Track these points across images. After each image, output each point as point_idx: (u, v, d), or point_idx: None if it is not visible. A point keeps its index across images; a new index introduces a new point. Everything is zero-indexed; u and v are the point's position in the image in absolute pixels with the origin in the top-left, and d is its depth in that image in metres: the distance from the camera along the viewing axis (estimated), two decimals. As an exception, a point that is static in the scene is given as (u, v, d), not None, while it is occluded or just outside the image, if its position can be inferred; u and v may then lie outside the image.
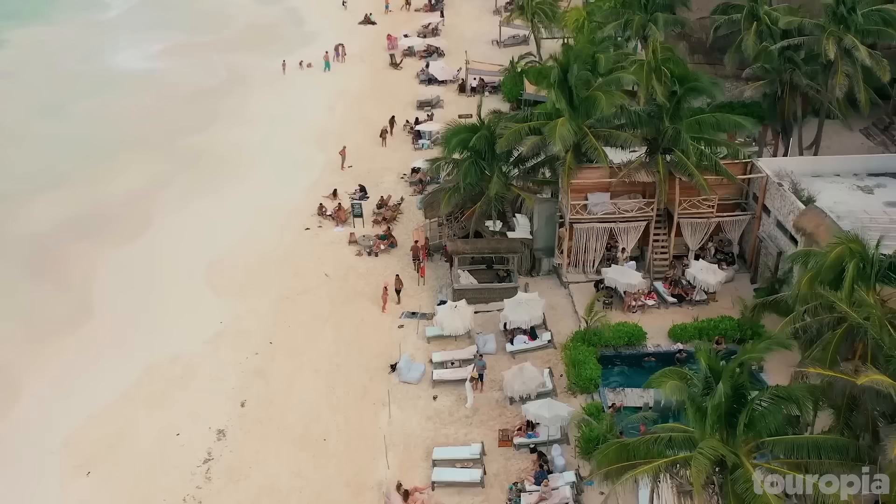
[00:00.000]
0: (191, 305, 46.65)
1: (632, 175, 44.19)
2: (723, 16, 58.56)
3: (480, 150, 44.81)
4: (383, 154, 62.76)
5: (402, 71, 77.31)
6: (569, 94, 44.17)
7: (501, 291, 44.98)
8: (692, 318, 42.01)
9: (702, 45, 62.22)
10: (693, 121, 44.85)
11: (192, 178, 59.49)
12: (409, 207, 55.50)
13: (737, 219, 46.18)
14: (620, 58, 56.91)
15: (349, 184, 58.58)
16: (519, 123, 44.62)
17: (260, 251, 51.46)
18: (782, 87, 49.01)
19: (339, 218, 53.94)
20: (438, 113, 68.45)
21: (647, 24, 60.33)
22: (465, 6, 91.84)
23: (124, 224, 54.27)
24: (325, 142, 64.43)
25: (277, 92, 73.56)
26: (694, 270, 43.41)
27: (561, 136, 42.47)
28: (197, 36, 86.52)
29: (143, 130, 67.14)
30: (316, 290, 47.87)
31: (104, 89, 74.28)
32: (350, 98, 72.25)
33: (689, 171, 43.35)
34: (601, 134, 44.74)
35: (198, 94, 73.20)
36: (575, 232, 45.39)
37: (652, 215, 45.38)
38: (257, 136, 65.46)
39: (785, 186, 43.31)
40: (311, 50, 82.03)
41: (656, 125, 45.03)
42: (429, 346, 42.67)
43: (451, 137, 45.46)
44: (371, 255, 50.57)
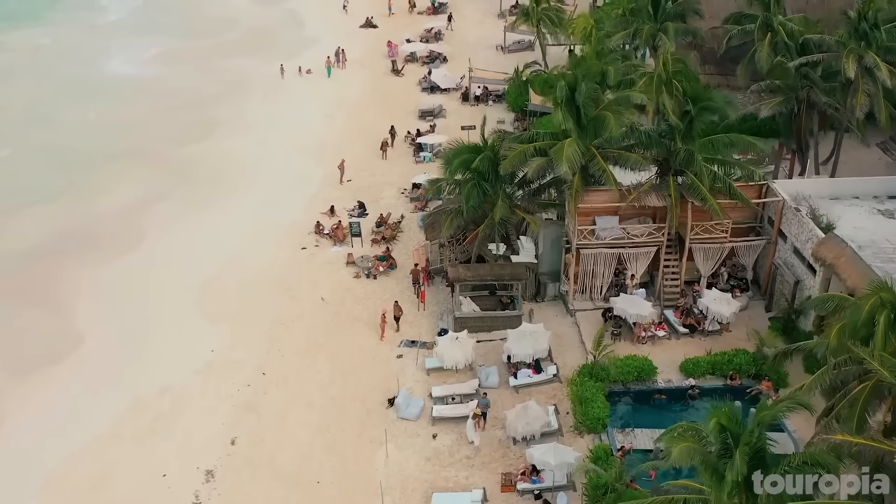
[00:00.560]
0: (181, 331, 44.76)
1: (642, 199, 42.18)
2: (736, 26, 56.73)
3: (484, 171, 42.77)
4: (383, 167, 60.79)
5: (404, 78, 75.24)
6: (576, 112, 42.10)
7: (505, 320, 43.03)
8: (705, 351, 40.07)
9: (713, 56, 60.24)
10: (706, 141, 42.82)
11: (185, 193, 57.55)
12: (409, 225, 53.56)
13: (751, 244, 44.19)
14: (629, 69, 55.14)
15: (348, 199, 56.63)
16: (524, 144, 42.58)
17: (254, 272, 49.56)
18: (798, 104, 46.89)
19: (337, 237, 52.01)
20: (441, 123, 66.47)
21: (657, 33, 58.33)
22: (469, 9, 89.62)
23: (113, 242, 52.34)
24: (324, 153, 62.45)
25: (276, 99, 71.55)
26: (707, 300, 41.42)
27: (568, 157, 40.49)
28: (194, 40, 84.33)
29: (136, 140, 65.10)
30: (311, 315, 45.96)
31: (96, 96, 72.19)
32: (350, 106, 70.24)
33: (701, 196, 41.36)
34: (610, 155, 42.76)
35: (193, 102, 71.18)
36: (582, 257, 43.42)
37: (663, 241, 43.38)
38: (254, 147, 63.49)
39: (803, 212, 41.30)
40: (311, 54, 79.93)
41: (667, 146, 43.04)
42: (428, 379, 40.75)
43: (453, 158, 43.48)
44: (369, 278, 48.65)
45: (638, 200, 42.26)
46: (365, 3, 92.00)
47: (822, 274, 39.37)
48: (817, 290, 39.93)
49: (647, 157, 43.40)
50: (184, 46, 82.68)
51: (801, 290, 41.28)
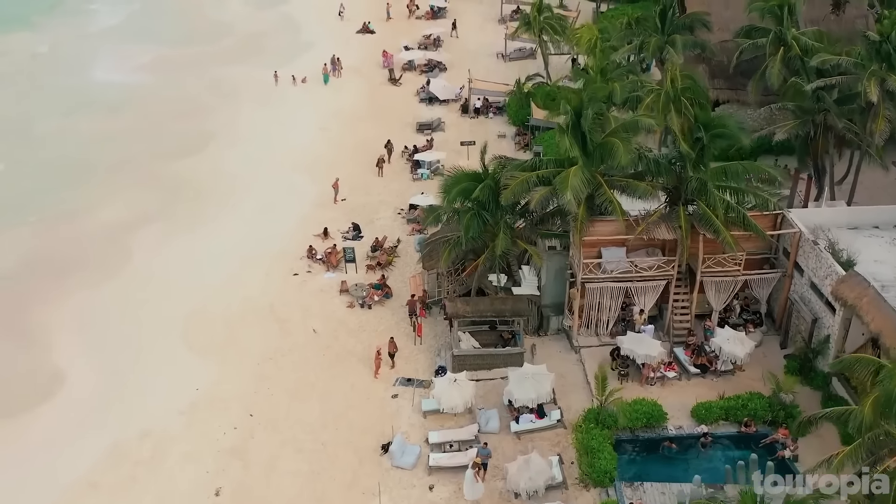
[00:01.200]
0: (165, 367, 42.56)
1: (651, 231, 39.91)
2: (747, 39, 54.33)
3: (484, 200, 40.48)
4: (379, 185, 58.47)
5: (402, 87, 72.75)
6: (582, 138, 39.83)
7: (506, 357, 40.84)
8: (717, 395, 37.90)
9: (723, 69, 57.76)
10: (719, 168, 40.56)
11: (172, 213, 55.17)
12: (406, 249, 51.30)
13: (766, 277, 41.92)
14: (636, 86, 52.88)
15: (342, 220, 54.34)
16: (526, 172, 40.29)
17: (243, 300, 47.33)
18: (814, 127, 44.55)
19: (330, 262, 49.75)
20: (439, 137, 64.14)
21: (665, 46, 55.97)
22: (469, 14, 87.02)
23: (95, 266, 50.01)
24: (318, 170, 60.12)
25: (269, 110, 69.01)
26: (719, 340, 39.17)
27: (573, 187, 38.25)
28: (187, 46, 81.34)
29: (125, 154, 62.56)
30: (302, 348, 43.76)
31: (86, 107, 69.34)
32: (345, 118, 67.83)
33: (714, 228, 39.10)
34: (617, 183, 40.51)
35: (185, 113, 68.57)
36: (587, 291, 41.15)
37: (672, 274, 41.12)
38: (246, 162, 61.15)
39: (821, 245, 39.03)
40: (307, 61, 77.41)
41: (678, 173, 40.75)
42: (425, 422, 38.56)
43: (452, 186, 41.17)
44: (364, 307, 46.43)
45: (646, 232, 40.00)
46: (362, 8, 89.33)
47: (843, 314, 37.16)
48: (836, 330, 37.76)
49: (657, 185, 41.09)
50: (176, 53, 79.85)
51: (819, 329, 39.09)
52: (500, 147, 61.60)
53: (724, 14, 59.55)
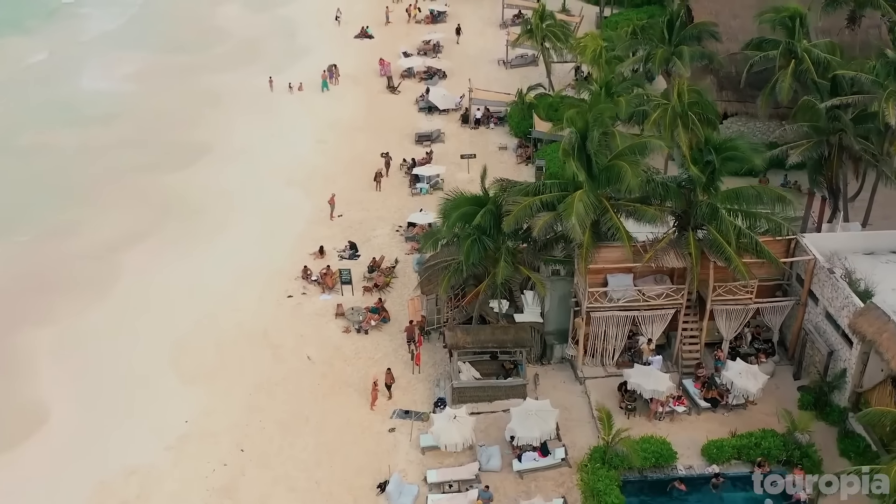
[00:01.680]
0: (153, 396, 40.95)
1: (659, 259, 38.23)
2: (756, 51, 52.65)
3: (485, 226, 38.76)
4: (377, 200, 56.74)
5: (400, 96, 70.94)
6: (587, 161, 38.13)
7: (508, 389, 39.20)
8: (729, 432, 36.24)
9: (731, 80, 56.09)
10: (730, 192, 38.88)
11: (163, 230, 53.41)
12: (404, 269, 49.61)
13: (778, 305, 40.25)
14: (642, 100, 51.29)
15: (338, 238, 52.68)
16: (529, 197, 38.56)
17: (235, 324, 45.66)
18: (829, 148, 42.84)
19: (326, 284, 48.05)
20: (439, 149, 62.38)
21: (671, 57, 54.23)
22: (469, 18, 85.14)
23: (82, 288, 48.40)
24: (314, 184, 58.45)
25: (264, 120, 67.22)
26: (731, 374, 37.49)
27: (578, 213, 36.53)
28: (182, 53, 79.30)
29: (110, 168, 60.56)
30: (296, 377, 42.11)
31: (70, 118, 67.51)
32: (342, 128, 66.06)
33: (726, 255, 37.41)
34: (623, 208, 38.80)
35: (176, 124, 66.78)
36: (592, 320, 39.49)
37: (682, 303, 39.45)
38: (240, 176, 59.42)
39: (837, 274, 37.34)
40: (303, 67, 75.74)
41: (687, 198, 39.06)
42: (423, 459, 36.93)
43: (452, 211, 39.43)
44: (360, 333, 44.76)
45: (654, 260, 38.31)
46: (361, 11, 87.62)
47: (861, 348, 35.50)
48: (854, 364, 36.13)
49: (665, 209, 39.39)
50: (170, 60, 77.76)
51: (834, 362, 37.45)
52: (501, 159, 60.33)
53: (733, 24, 57.97)
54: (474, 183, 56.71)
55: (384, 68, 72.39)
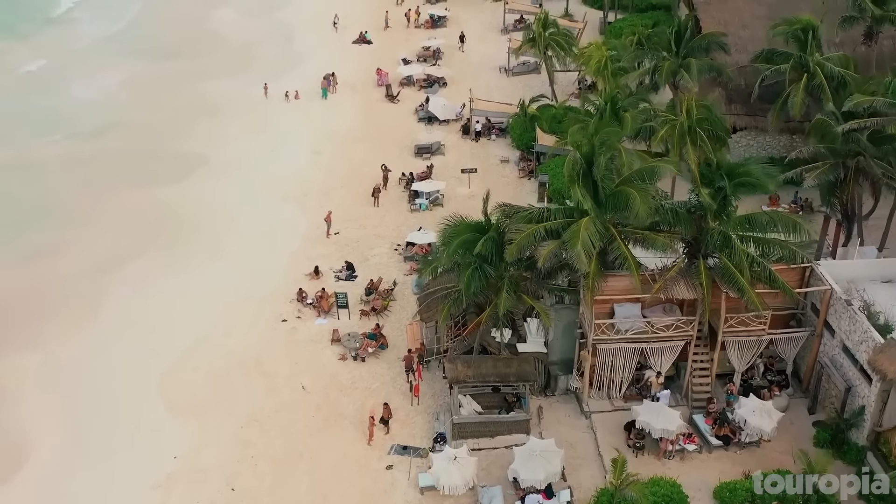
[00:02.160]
0: (142, 430, 39.41)
1: (669, 289, 36.54)
2: (766, 64, 50.96)
3: (486, 254, 37.08)
4: (375, 216, 55.02)
5: (399, 105, 69.07)
6: (593, 185, 36.45)
7: (510, 424, 37.58)
8: (742, 473, 34.59)
9: (741, 93, 54.38)
10: (743, 218, 37.22)
11: (153, 250, 51.52)
12: (402, 292, 47.93)
13: (793, 335, 38.59)
14: (649, 115, 49.64)
15: (334, 256, 51.02)
16: (532, 225, 36.86)
17: (227, 351, 44.04)
18: (845, 170, 41.12)
19: (322, 307, 46.38)
20: (439, 161, 60.65)
21: (679, 70, 52.49)
22: (470, 23, 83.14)
23: (66, 312, 46.54)
24: (310, 199, 56.79)
25: (259, 131, 65.36)
26: (744, 412, 35.83)
27: (584, 243, 34.90)
28: (176, 60, 77.00)
29: (97, 182, 58.52)
30: (290, 408, 40.49)
31: (56, 129, 65.41)
32: (339, 140, 64.28)
33: (738, 286, 35.73)
34: (632, 235, 37.13)
35: (167, 135, 64.68)
36: (599, 352, 37.84)
37: (692, 335, 37.78)
38: (233, 191, 57.62)
39: (855, 307, 35.66)
40: (300, 74, 73.81)
41: (698, 224, 37.37)
42: (422, 500, 35.34)
43: (453, 238, 37.72)
44: (357, 360, 43.14)
45: (664, 290, 36.63)
46: (359, 15, 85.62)
47: (881, 386, 33.85)
48: (873, 402, 34.49)
49: (675, 236, 37.70)
50: (164, 67, 75.39)
51: (852, 398, 35.81)
52: (502, 173, 58.71)
53: (742, 34, 56.27)
54: (475, 198, 55.48)
55: (381, 78, 70.54)
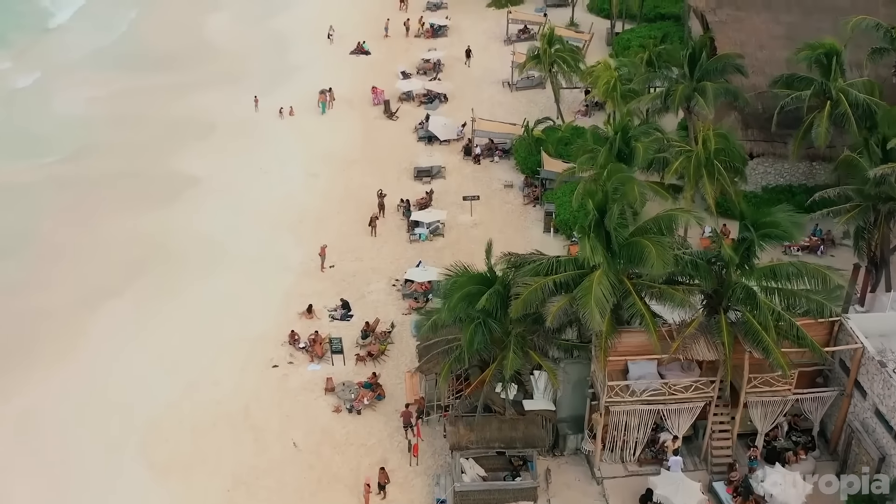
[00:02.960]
0: (121, 492, 36.80)
1: (687, 349, 33.87)
2: (786, 90, 48.19)
3: (491, 309, 34.36)
4: (372, 247, 52.27)
5: (398, 122, 66.17)
6: (606, 237, 33.74)
7: (516, 492, 34.91)
8: (768, 552, 31.97)
9: (758, 117, 51.60)
10: (766, 269, 34.50)
11: (135, 285, 48.61)
12: (401, 334, 45.26)
13: (820, 395, 35.89)
14: (662, 145, 46.96)
15: (329, 293, 48.33)
16: (540, 278, 34.13)
17: (214, 401, 41.45)
18: (876, 214, 38.39)
19: (315, 352, 43.71)
20: (439, 185, 57.91)
21: (693, 94, 49.67)
22: (472, 32, 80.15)
23: (39, 356, 43.61)
24: (305, 227, 54.07)
25: (252, 150, 62.40)
26: (769, 485, 33.14)
27: (598, 300, 32.26)
28: (168, 72, 73.60)
29: (77, 208, 55.81)
30: (280, 468, 37.89)
31: (35, 149, 62.34)
32: (336, 161, 61.41)
33: (763, 345, 33.05)
34: (647, 288, 34.45)
35: (155, 155, 61.60)
36: (611, 415, 35.17)
37: (712, 395, 35.11)
38: (223, 218, 54.74)
39: (889, 368, 32.97)
40: (295, 88, 70.96)
41: (719, 275, 34.69)
42: (421, 578, 32.74)
43: (454, 291, 34.95)
44: (352, 413, 40.48)
45: (682, 350, 33.94)
46: (357, 23, 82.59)
47: (920, 461, 31.22)
48: (911, 475, 31.84)
49: (694, 287, 35.03)
50: (155, 80, 71.91)
51: (887, 468, 33.09)
52: (506, 199, 56.11)
53: (759, 55, 53.43)
54: (478, 227, 53.10)
55: (377, 96, 67.51)
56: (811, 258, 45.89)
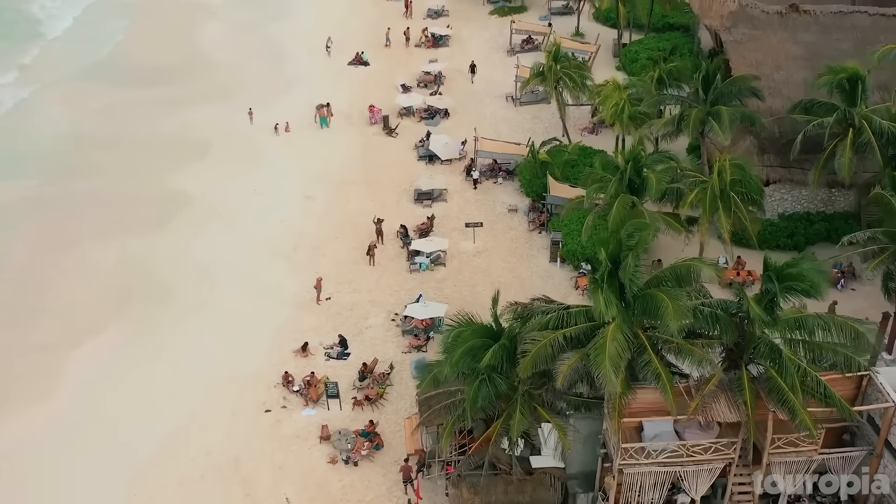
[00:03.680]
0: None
1: (707, 409, 31.61)
2: (805, 116, 45.87)
3: (496, 365, 32.10)
4: (370, 277, 49.94)
5: (398, 139, 63.73)
6: (619, 288, 31.49)
7: (523, 560, 32.73)
8: None
9: (774, 143, 49.29)
10: (791, 321, 32.22)
11: (120, 320, 46.31)
12: (400, 374, 43.07)
13: (848, 455, 33.64)
14: (676, 175, 44.76)
15: (325, 328, 46.15)
16: (549, 333, 31.87)
17: (203, 450, 39.34)
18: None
19: (310, 396, 41.48)
20: (441, 208, 55.57)
21: (707, 119, 47.36)
22: (474, 41, 77.63)
23: (15, 397, 41.62)
24: (300, 255, 51.82)
25: (245, 170, 59.80)
26: (796, 559, 30.91)
27: (612, 358, 30.09)
28: (160, 87, 70.54)
29: (58, 232, 53.24)
30: (272, 527, 35.67)
31: (17, 167, 59.80)
32: (333, 182, 58.99)
33: (789, 406, 30.80)
34: (663, 342, 32.19)
35: (144, 175, 59.07)
36: (625, 477, 32.92)
37: (733, 457, 32.86)
38: (213, 244, 52.37)
39: (924, 431, 30.72)
40: (291, 101, 68.47)
41: (740, 327, 32.42)
42: None
43: (457, 346, 32.64)
44: (348, 464, 38.27)
45: (701, 410, 31.68)
46: (356, 30, 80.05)
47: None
48: (948, 550, 29.62)
49: (714, 340, 32.80)
50: (147, 95, 68.85)
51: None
52: (510, 225, 53.88)
53: (776, 76, 51.09)
54: (481, 255, 50.81)
55: (374, 116, 64.95)
56: (832, 293, 43.68)
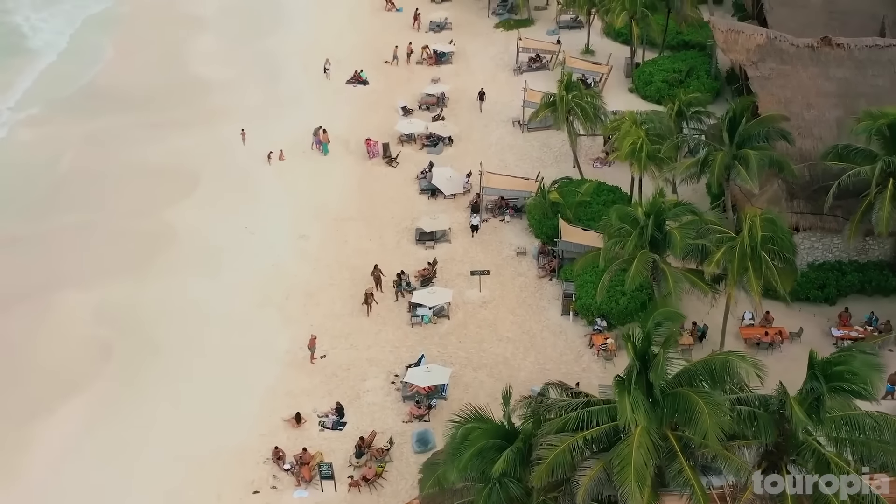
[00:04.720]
0: None
1: (745, 524, 28.16)
2: (840, 164, 42.31)
3: (509, 470, 28.65)
4: (368, 331, 46.45)
5: (399, 169, 60.11)
6: (647, 386, 28.01)
7: None
8: None
9: (804, 188, 45.78)
10: (840, 420, 28.77)
11: (93, 383, 42.85)
12: (401, 448, 39.65)
13: (899, 568, 30.17)
14: (701, 229, 41.31)
15: (319, 391, 42.77)
16: (568, 437, 28.38)
17: (185, 542, 35.75)
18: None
19: (303, 475, 38.05)
20: (444, 250, 52.03)
21: (733, 163, 43.83)
22: (479, 59, 73.80)
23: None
24: (293, 303, 48.40)
25: (235, 205, 56.27)
26: None
27: (638, 470, 26.65)
28: (147, 109, 66.94)
29: (28, 276, 49.92)
30: None
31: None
32: (329, 218, 55.40)
33: (837, 519, 27.39)
34: (696, 448, 28.70)
35: (124, 208, 55.66)
36: (652, 593, 29.47)
37: (772, 574, 29.39)
38: (199, 291, 48.78)
39: None
40: (285, 125, 64.80)
41: (781, 427, 28.92)
42: None
43: (465, 448, 29.11)
44: (343, 559, 34.88)
45: (739, 525, 28.23)
46: (355, 46, 76.35)
47: None
48: None
49: (752, 443, 29.35)
50: (134, 119, 65.07)
51: None
52: (519, 270, 50.43)
53: (806, 115, 47.52)
54: (487, 306, 47.34)
55: (371, 150, 61.13)
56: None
